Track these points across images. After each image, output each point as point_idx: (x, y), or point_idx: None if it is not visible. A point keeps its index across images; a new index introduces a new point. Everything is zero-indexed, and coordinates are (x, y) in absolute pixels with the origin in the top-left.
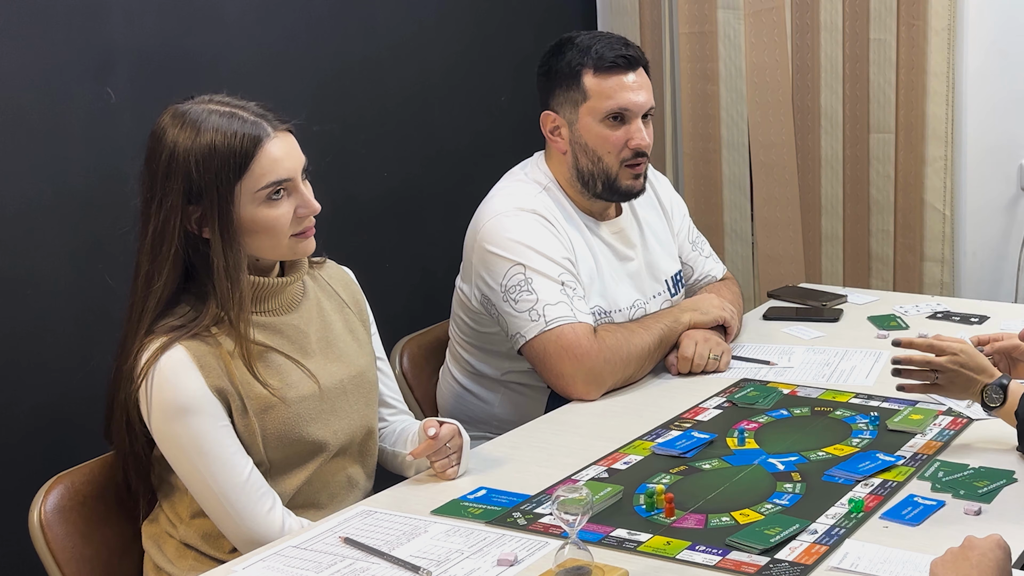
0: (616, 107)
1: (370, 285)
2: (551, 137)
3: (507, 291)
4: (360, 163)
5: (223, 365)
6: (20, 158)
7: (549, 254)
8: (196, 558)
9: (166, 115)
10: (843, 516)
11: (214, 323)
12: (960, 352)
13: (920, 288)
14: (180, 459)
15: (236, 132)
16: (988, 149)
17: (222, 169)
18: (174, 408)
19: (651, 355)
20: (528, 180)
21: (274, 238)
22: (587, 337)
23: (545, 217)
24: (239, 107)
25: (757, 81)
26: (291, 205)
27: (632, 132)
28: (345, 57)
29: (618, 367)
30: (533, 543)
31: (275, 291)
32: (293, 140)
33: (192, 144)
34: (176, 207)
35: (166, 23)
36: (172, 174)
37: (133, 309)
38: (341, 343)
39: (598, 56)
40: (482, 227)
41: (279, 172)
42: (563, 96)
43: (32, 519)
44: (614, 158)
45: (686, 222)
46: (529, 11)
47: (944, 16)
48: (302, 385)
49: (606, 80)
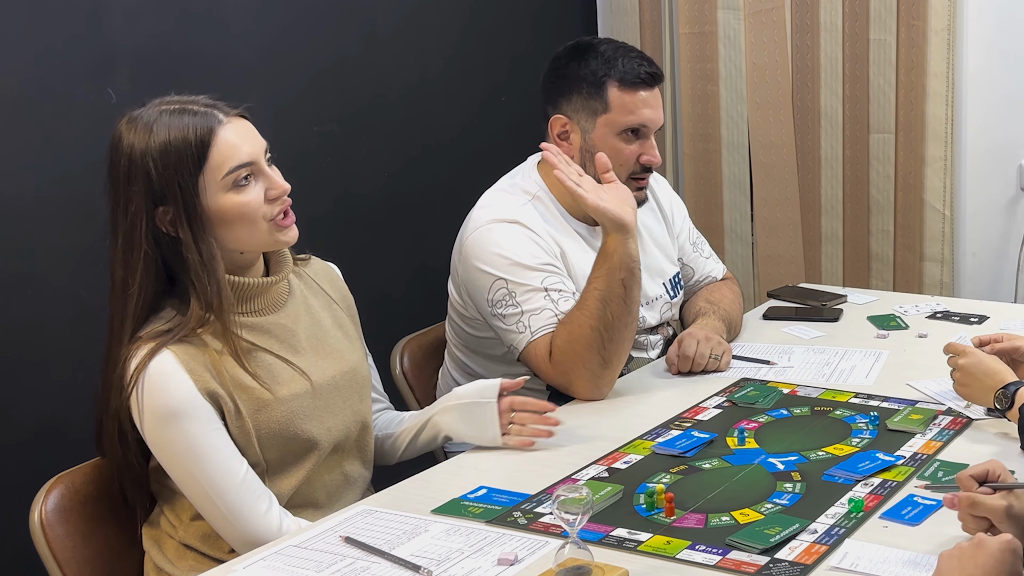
0: (637, 123)
1: (370, 285)
2: (557, 141)
3: (494, 305)
4: (360, 162)
5: (212, 367)
6: (20, 158)
7: (529, 263)
8: (196, 559)
9: (121, 123)
10: (843, 516)
11: (199, 325)
12: (963, 353)
13: (920, 288)
14: (175, 464)
15: (188, 125)
16: (988, 149)
17: (181, 163)
18: (165, 413)
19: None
20: (514, 191)
21: (250, 225)
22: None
23: (526, 225)
24: (188, 102)
25: (757, 81)
26: (260, 189)
27: (646, 148)
28: (344, 57)
29: (585, 364)
30: (533, 542)
31: (260, 291)
32: (249, 125)
33: (147, 145)
34: (141, 210)
35: (166, 23)
36: (133, 178)
37: (114, 319)
38: (331, 339)
39: (625, 70)
40: (465, 240)
41: (239, 157)
42: (580, 103)
43: (33, 519)
44: (623, 171)
45: (686, 224)
46: (529, 11)
47: (944, 16)
48: (294, 383)
49: (630, 95)
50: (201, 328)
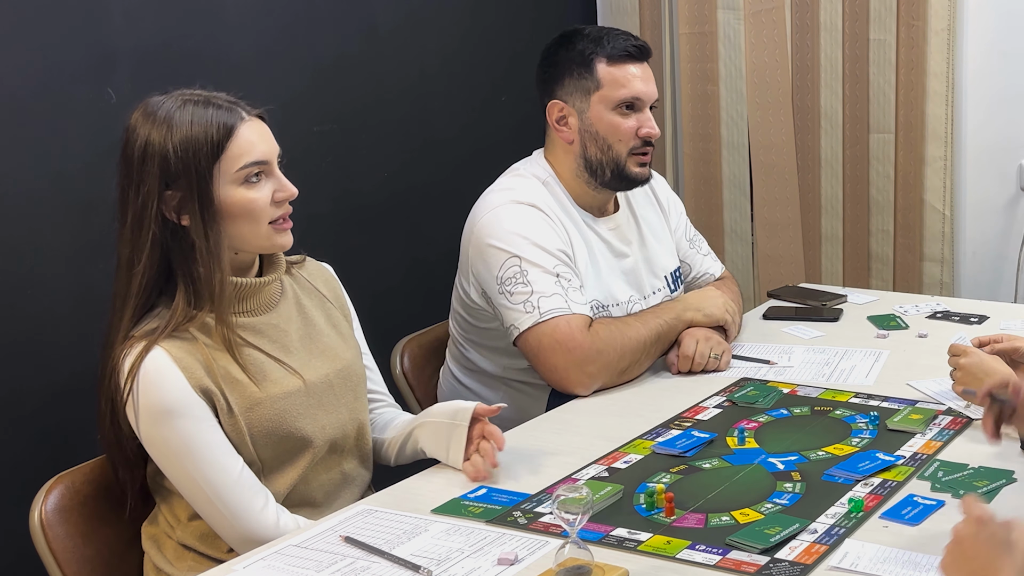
0: (629, 96)
1: (370, 284)
2: (557, 127)
3: (503, 283)
4: (359, 162)
5: (204, 364)
6: (20, 158)
7: (545, 245)
8: (195, 559)
9: (139, 108)
10: (843, 516)
11: (188, 320)
12: (963, 353)
13: (920, 288)
14: (170, 462)
15: (212, 116)
16: (987, 149)
17: (200, 150)
18: (159, 411)
19: (647, 350)
20: (527, 175)
21: (253, 223)
22: (580, 330)
23: (542, 210)
24: (212, 96)
25: (757, 81)
26: (269, 189)
27: (643, 120)
28: (344, 56)
29: (611, 360)
30: (533, 542)
31: (253, 291)
32: (266, 127)
33: (168, 130)
34: (153, 192)
35: (166, 23)
36: (148, 159)
37: (116, 296)
38: (324, 338)
39: (612, 46)
40: (479, 220)
41: (255, 154)
42: (573, 85)
43: (33, 519)
44: (624, 146)
45: (683, 220)
46: (529, 10)
47: (944, 16)
48: (286, 381)
49: (619, 69)
50: (190, 323)
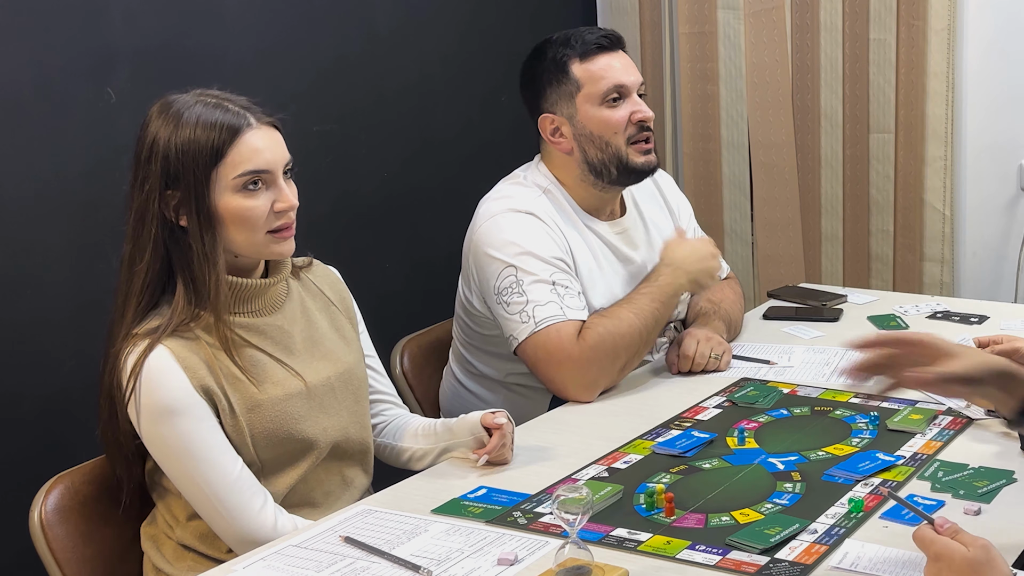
0: (611, 86)
1: (370, 285)
2: (553, 140)
3: (499, 293)
4: (360, 162)
5: (207, 363)
6: (20, 158)
7: (540, 254)
8: (194, 559)
9: (158, 102)
10: (843, 516)
11: (191, 319)
12: None
13: (920, 288)
14: (169, 461)
15: (217, 120)
16: (988, 149)
17: (199, 154)
18: (160, 410)
19: (645, 338)
20: (527, 183)
21: (249, 231)
22: (570, 340)
23: (540, 217)
24: (227, 99)
25: (757, 81)
26: (268, 199)
27: (633, 106)
28: (344, 56)
29: (605, 364)
30: (533, 542)
31: (257, 292)
32: (278, 135)
33: (174, 129)
34: (154, 190)
35: (166, 23)
36: (152, 157)
37: (118, 293)
38: (328, 341)
39: (580, 43)
40: (478, 229)
41: (257, 162)
42: (555, 93)
43: (32, 519)
44: (620, 138)
45: (691, 223)
46: (529, 11)
47: (944, 16)
48: (287, 383)
49: (594, 63)
50: (194, 321)
